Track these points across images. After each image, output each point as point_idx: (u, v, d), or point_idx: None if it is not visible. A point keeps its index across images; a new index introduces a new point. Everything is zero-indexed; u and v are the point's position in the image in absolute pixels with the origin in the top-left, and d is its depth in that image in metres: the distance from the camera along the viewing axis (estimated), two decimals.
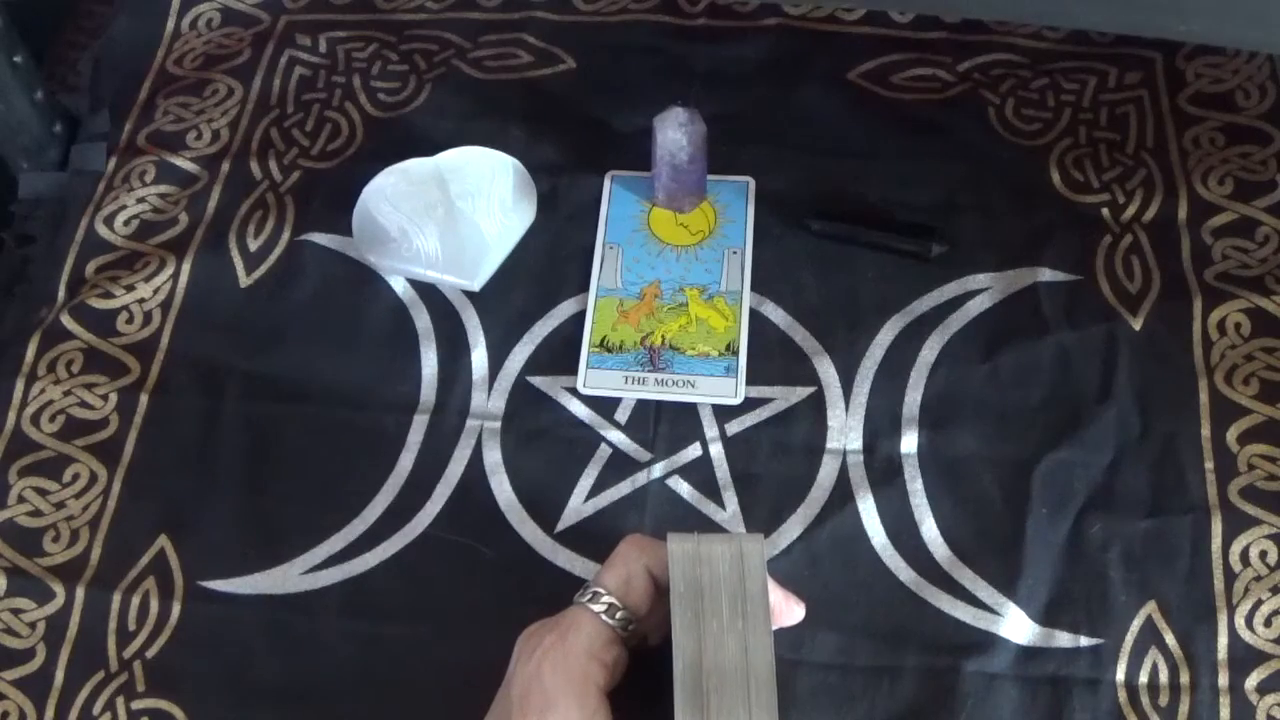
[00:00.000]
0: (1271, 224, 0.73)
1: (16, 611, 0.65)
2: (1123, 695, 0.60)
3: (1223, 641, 0.61)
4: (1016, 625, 0.62)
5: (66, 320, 0.74)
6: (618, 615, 0.51)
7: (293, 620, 0.64)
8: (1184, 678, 0.60)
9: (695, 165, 0.73)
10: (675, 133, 0.71)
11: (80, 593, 0.65)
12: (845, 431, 0.68)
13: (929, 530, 0.65)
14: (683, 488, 0.67)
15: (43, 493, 0.69)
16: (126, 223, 0.78)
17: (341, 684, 0.63)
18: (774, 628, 0.52)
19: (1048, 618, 0.62)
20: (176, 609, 0.65)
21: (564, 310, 0.73)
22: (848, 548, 0.65)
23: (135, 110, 0.83)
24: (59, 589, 0.66)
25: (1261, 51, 0.79)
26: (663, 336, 0.72)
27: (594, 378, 0.70)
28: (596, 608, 0.51)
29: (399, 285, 0.75)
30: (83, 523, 0.68)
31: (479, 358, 0.72)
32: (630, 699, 0.52)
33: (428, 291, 0.74)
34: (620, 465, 0.68)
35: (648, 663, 0.55)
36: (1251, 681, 0.60)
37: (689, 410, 0.70)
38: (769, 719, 0.47)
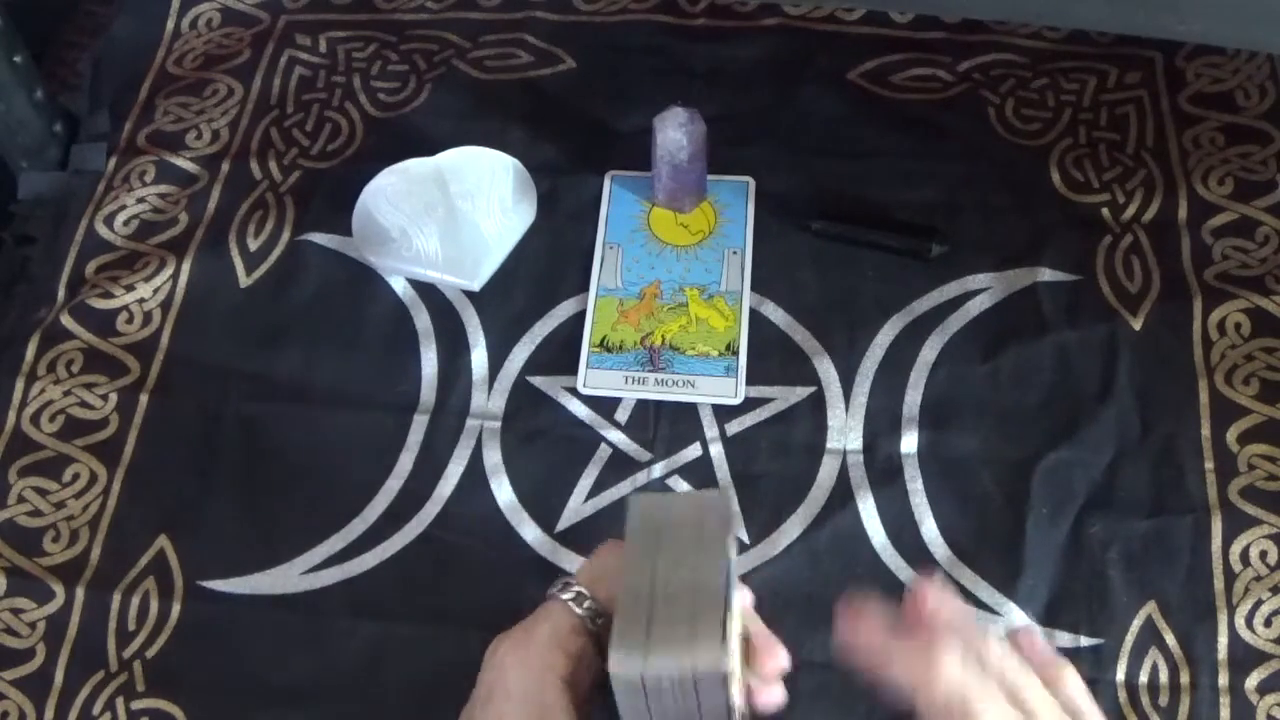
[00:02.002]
0: (1271, 224, 0.73)
1: (16, 611, 0.65)
2: (1123, 695, 0.60)
3: (1223, 641, 0.61)
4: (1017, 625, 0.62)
5: (66, 320, 0.74)
6: (585, 604, 0.50)
7: (293, 620, 0.64)
8: (1184, 678, 0.60)
9: (695, 165, 0.73)
10: (675, 133, 0.71)
11: (80, 593, 0.65)
12: (845, 431, 0.68)
13: (929, 530, 0.65)
14: (683, 488, 0.67)
15: (43, 493, 0.69)
16: (126, 223, 0.78)
17: (342, 684, 0.63)
18: (767, 679, 0.47)
19: (1048, 617, 0.62)
20: (176, 609, 0.65)
21: (564, 310, 0.73)
22: (848, 547, 0.65)
23: (135, 110, 0.83)
24: (59, 589, 0.66)
25: (1261, 51, 0.79)
26: (663, 336, 0.72)
27: (594, 378, 0.70)
28: (565, 595, 0.51)
29: (399, 285, 0.75)
30: (83, 523, 0.68)
31: (479, 358, 0.72)
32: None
33: (428, 291, 0.74)
34: (620, 465, 0.68)
35: None
36: (1251, 681, 0.60)
37: (689, 410, 0.70)
38: (712, 630, 0.42)
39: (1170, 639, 0.61)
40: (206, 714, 0.62)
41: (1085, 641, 0.61)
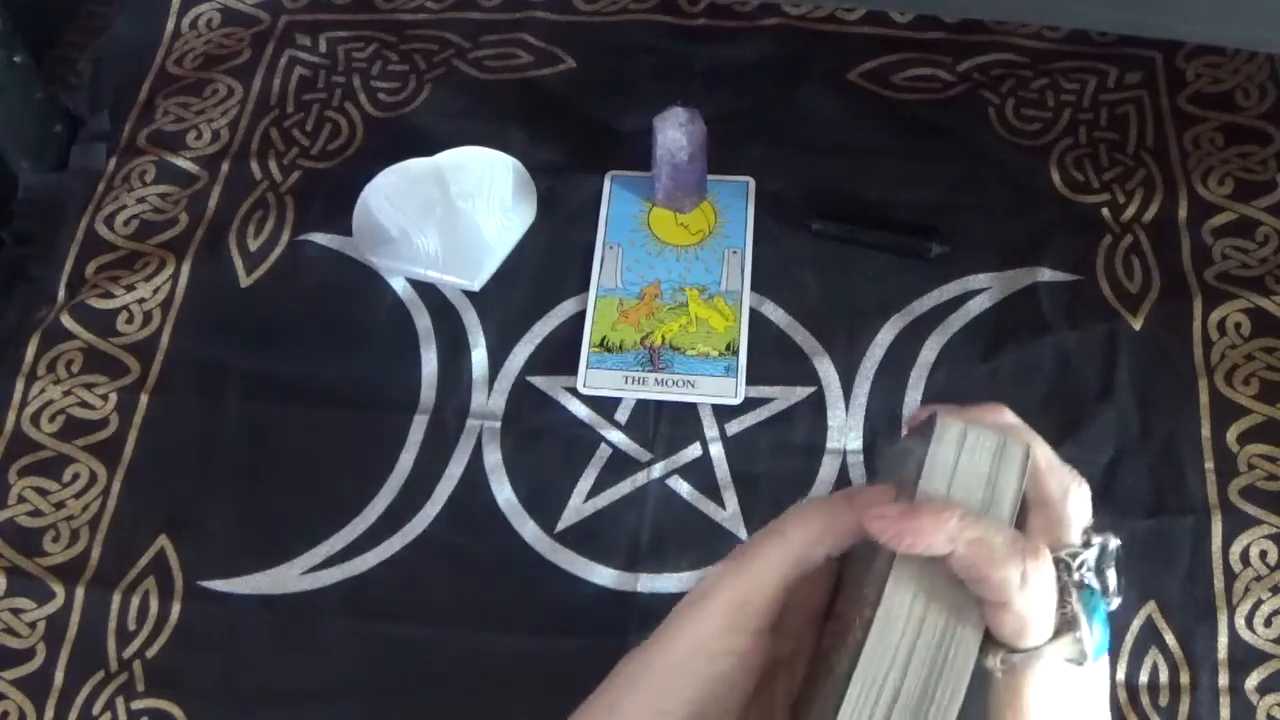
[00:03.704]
0: (1271, 224, 0.73)
1: (16, 611, 0.65)
2: (1123, 695, 0.60)
3: (1223, 641, 0.61)
4: None
5: (66, 320, 0.74)
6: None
7: (293, 620, 0.64)
8: (1184, 678, 0.60)
9: (695, 165, 0.73)
10: (675, 133, 0.71)
11: (80, 593, 0.65)
12: (845, 431, 0.68)
13: None
14: (683, 487, 0.67)
15: (43, 493, 0.69)
16: (126, 223, 0.78)
17: (341, 684, 0.63)
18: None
19: None
20: (176, 609, 0.65)
21: (564, 310, 0.73)
22: None
23: (135, 110, 0.83)
24: (59, 589, 0.66)
25: (1261, 51, 0.79)
26: (663, 336, 0.72)
27: (594, 378, 0.70)
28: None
29: (399, 285, 0.75)
30: (83, 523, 0.68)
31: (479, 358, 0.72)
32: None
33: (428, 291, 0.74)
34: (620, 465, 0.68)
35: None
36: (1251, 681, 0.60)
37: (689, 410, 0.70)
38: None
39: (1170, 639, 0.61)
40: (206, 714, 0.62)
41: None
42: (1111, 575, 0.39)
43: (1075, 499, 0.39)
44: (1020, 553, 0.35)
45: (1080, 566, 0.38)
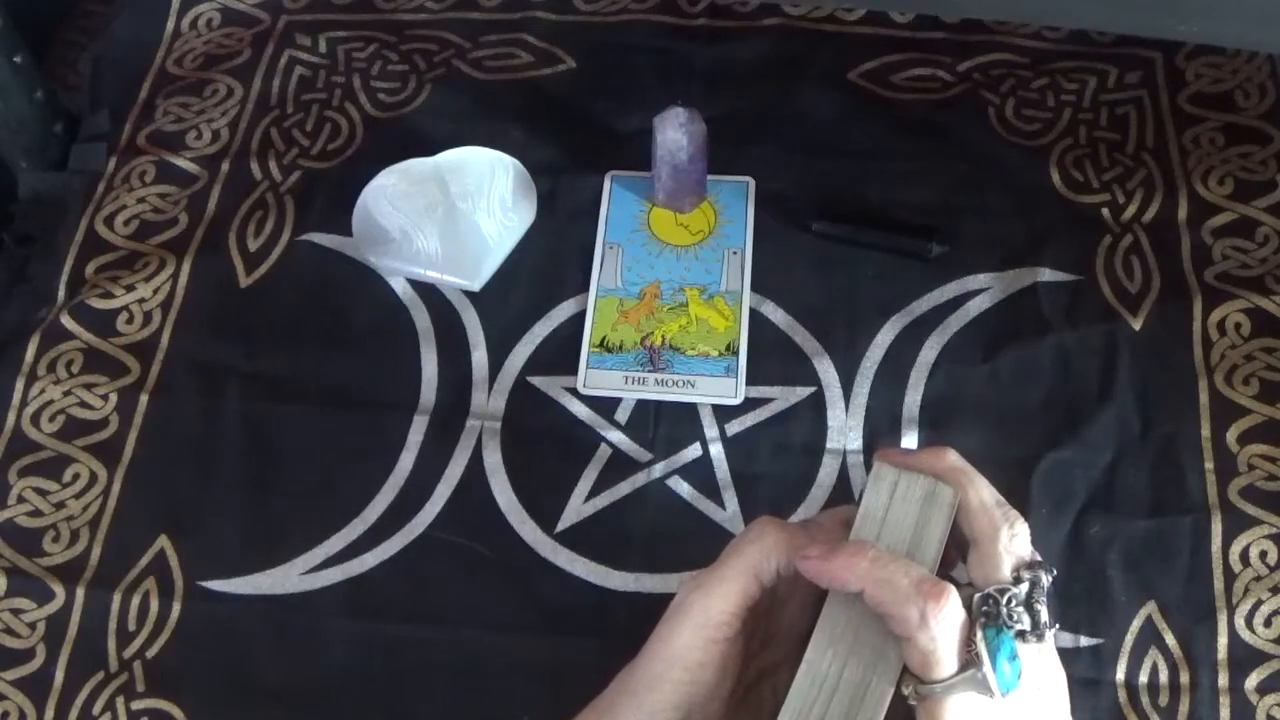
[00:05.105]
0: (1271, 224, 0.73)
1: (16, 611, 0.65)
2: (1122, 695, 0.60)
3: (1223, 641, 0.61)
4: None
5: (66, 320, 0.74)
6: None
7: (293, 620, 0.64)
8: (1184, 678, 0.60)
9: (695, 165, 0.73)
10: (675, 133, 0.71)
11: (80, 593, 0.65)
12: (845, 432, 0.68)
13: None
14: (683, 488, 0.67)
15: (43, 493, 0.69)
16: (126, 223, 0.78)
17: (341, 684, 0.63)
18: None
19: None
20: (176, 609, 0.65)
21: (564, 310, 0.73)
22: None
23: (135, 110, 0.83)
24: (59, 589, 0.66)
25: (1261, 51, 0.79)
26: (663, 336, 0.72)
27: (594, 378, 0.70)
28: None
29: (399, 285, 0.75)
30: (83, 523, 0.68)
31: (479, 358, 0.72)
32: None
33: (428, 291, 0.74)
34: (620, 465, 0.68)
35: None
36: (1251, 681, 0.60)
37: (689, 410, 0.70)
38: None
39: (1170, 639, 0.61)
40: (206, 714, 0.62)
41: (1085, 641, 0.61)
42: (1043, 610, 0.41)
43: (1007, 538, 0.42)
44: (922, 593, 0.39)
45: (1009, 602, 0.41)
